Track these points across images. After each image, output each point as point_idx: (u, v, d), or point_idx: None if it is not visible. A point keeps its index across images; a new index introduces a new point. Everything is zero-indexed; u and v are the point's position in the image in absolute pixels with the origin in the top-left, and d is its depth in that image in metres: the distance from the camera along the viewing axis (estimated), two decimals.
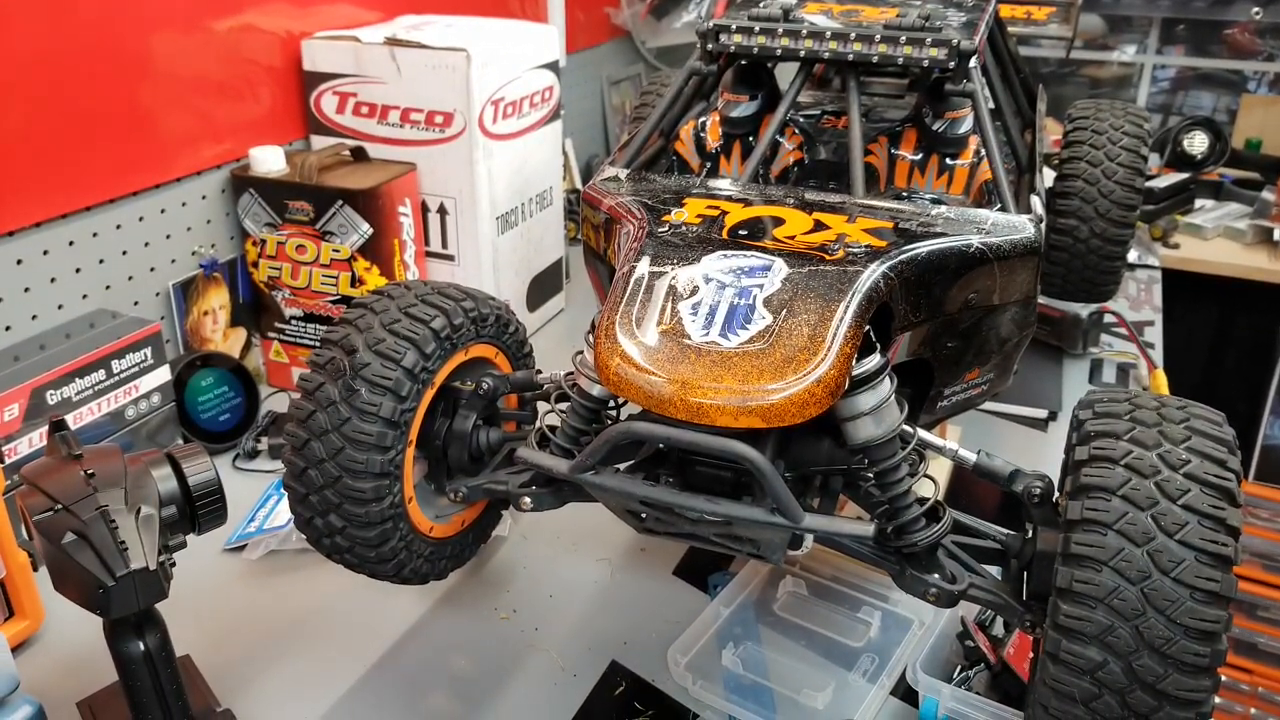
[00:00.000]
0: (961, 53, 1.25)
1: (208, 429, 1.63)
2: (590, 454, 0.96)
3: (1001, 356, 1.26)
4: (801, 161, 1.48)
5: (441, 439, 1.16)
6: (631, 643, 1.25)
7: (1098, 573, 0.79)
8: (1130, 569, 0.78)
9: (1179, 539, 0.78)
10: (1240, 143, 3.06)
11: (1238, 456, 0.85)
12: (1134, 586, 0.77)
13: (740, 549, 1.03)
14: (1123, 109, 1.72)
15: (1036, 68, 3.22)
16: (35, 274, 1.46)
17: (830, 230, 1.06)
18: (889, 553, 1.00)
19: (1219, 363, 3.12)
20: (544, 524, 1.44)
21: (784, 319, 0.92)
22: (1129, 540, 0.79)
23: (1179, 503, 0.80)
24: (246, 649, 1.24)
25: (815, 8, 1.45)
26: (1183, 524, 0.79)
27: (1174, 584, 0.77)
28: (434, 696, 1.18)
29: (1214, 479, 0.81)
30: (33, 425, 1.33)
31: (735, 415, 0.86)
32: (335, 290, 1.71)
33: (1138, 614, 0.77)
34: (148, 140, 1.60)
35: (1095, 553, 0.79)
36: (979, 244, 1.08)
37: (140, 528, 0.91)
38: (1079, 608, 0.79)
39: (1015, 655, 1.14)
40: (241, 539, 1.40)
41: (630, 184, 1.24)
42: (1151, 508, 0.80)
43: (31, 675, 1.16)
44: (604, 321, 0.95)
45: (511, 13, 2.38)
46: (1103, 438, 0.86)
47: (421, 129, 1.77)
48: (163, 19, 1.58)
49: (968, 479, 1.01)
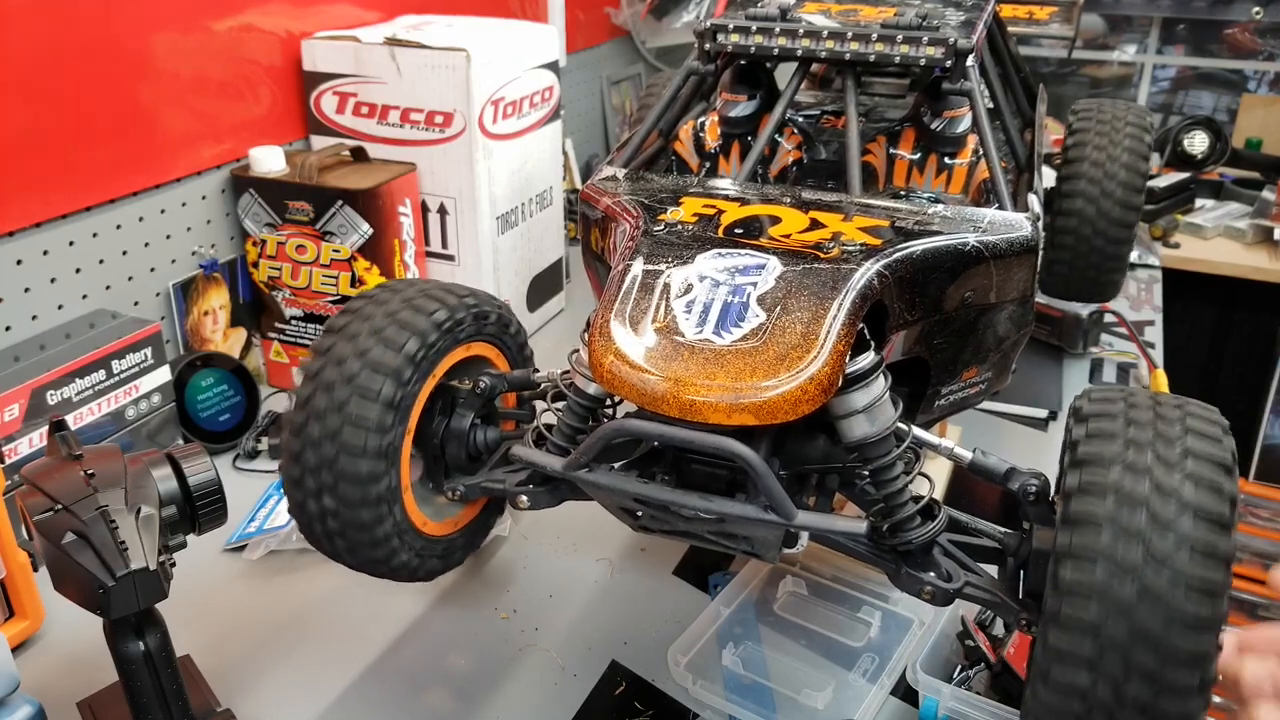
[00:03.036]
0: (959, 51, 1.25)
1: (208, 429, 1.63)
2: (584, 452, 0.96)
3: (999, 355, 1.26)
4: (800, 161, 1.48)
5: (439, 437, 1.16)
6: (631, 643, 1.25)
7: (1092, 568, 0.79)
8: (1124, 563, 0.78)
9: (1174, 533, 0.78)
10: (1240, 142, 3.06)
11: (1234, 453, 0.85)
12: (1128, 579, 0.77)
13: (735, 547, 1.03)
14: (1125, 108, 1.72)
15: (1037, 67, 3.22)
16: (35, 274, 1.46)
17: (826, 229, 1.07)
18: (884, 551, 1.00)
19: (1219, 362, 3.12)
20: (544, 524, 1.45)
21: (777, 317, 0.92)
22: (1123, 535, 0.79)
23: (1174, 499, 0.80)
24: (246, 649, 1.24)
25: (813, 7, 1.45)
26: (1178, 520, 0.79)
27: (1169, 575, 0.77)
28: (434, 696, 1.19)
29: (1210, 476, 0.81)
30: (33, 425, 1.33)
31: (728, 412, 0.86)
32: (335, 290, 1.71)
33: (1132, 606, 0.77)
34: (148, 140, 1.60)
35: (1089, 549, 0.79)
36: (975, 242, 1.08)
37: (140, 528, 0.91)
38: (1073, 602, 0.79)
39: (1015, 655, 1.14)
40: (241, 539, 1.40)
41: (628, 183, 1.25)
42: (1146, 504, 0.80)
43: (31, 675, 1.16)
44: (598, 320, 0.96)
45: (511, 13, 2.39)
46: (1098, 437, 0.86)
47: (421, 129, 1.78)
48: (163, 19, 1.59)
49: (969, 478, 1.01)
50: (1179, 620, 0.76)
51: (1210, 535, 0.78)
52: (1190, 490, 0.80)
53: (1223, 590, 0.77)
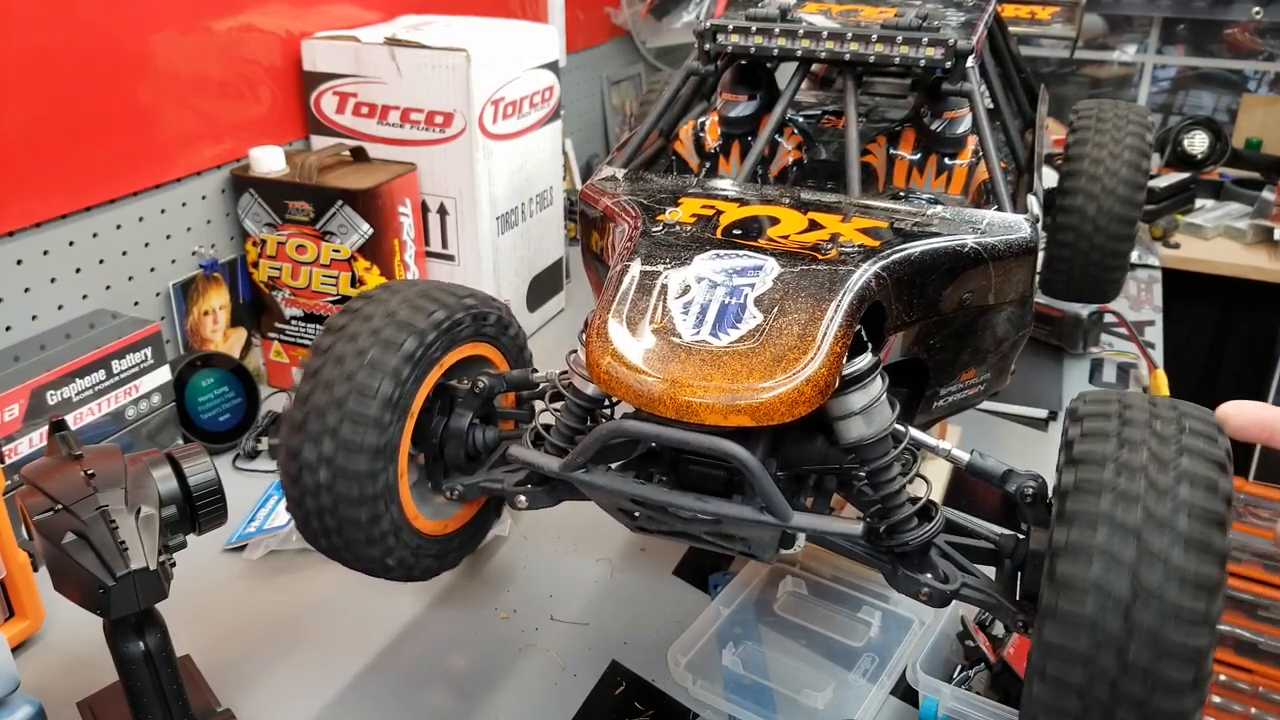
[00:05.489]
0: (959, 52, 1.25)
1: (208, 429, 1.63)
2: (581, 452, 0.97)
3: (998, 356, 1.26)
4: (800, 161, 1.48)
5: (438, 437, 1.16)
6: (631, 643, 1.25)
7: (1087, 564, 0.79)
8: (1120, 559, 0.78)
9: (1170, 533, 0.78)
10: (1240, 142, 3.06)
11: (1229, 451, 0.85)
12: (1123, 575, 0.78)
13: (732, 547, 1.03)
14: (1126, 109, 1.72)
15: (1037, 67, 3.22)
16: (35, 274, 1.46)
17: (825, 230, 1.07)
18: (881, 552, 1.00)
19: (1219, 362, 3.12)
20: (544, 524, 1.45)
21: (774, 318, 0.92)
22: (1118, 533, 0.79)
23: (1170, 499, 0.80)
24: (246, 649, 1.24)
25: (814, 7, 1.45)
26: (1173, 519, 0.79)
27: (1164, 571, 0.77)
28: (434, 696, 1.19)
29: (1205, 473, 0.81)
30: (33, 425, 1.33)
31: (724, 414, 0.87)
32: (335, 290, 1.72)
33: (1128, 603, 0.77)
34: (148, 140, 1.60)
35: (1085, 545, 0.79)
36: (974, 244, 1.08)
37: (140, 528, 0.92)
38: (1069, 598, 0.79)
39: (1015, 655, 1.14)
40: (241, 539, 1.40)
41: (627, 183, 1.25)
42: (1141, 505, 0.80)
43: (31, 675, 1.16)
44: (596, 320, 0.96)
45: (511, 13, 2.39)
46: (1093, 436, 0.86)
47: (421, 129, 1.78)
48: (163, 19, 1.59)
49: (968, 479, 1.01)
50: (1174, 616, 0.76)
51: (1205, 531, 0.78)
52: (1185, 487, 0.80)
53: (1218, 586, 0.77)
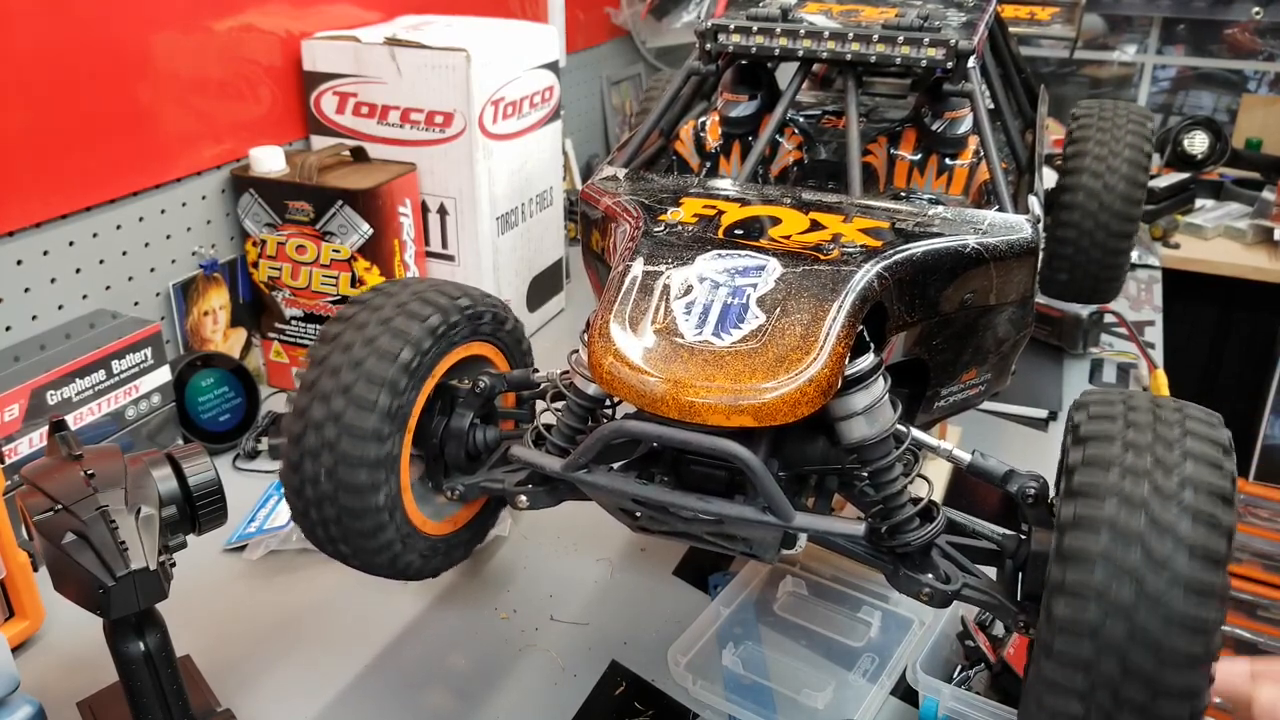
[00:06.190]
0: (959, 53, 1.25)
1: (208, 429, 1.63)
2: (583, 452, 0.96)
3: (999, 357, 1.26)
4: (801, 161, 1.48)
5: (439, 437, 1.16)
6: (631, 643, 1.25)
7: (1090, 569, 0.79)
8: (1123, 566, 0.78)
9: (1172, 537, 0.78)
10: (1240, 142, 3.06)
11: (1233, 457, 0.85)
12: (1126, 581, 0.77)
13: (733, 547, 1.03)
14: (1126, 109, 1.72)
15: (1037, 67, 3.21)
16: (35, 274, 1.46)
17: (826, 230, 1.06)
18: (882, 552, 1.00)
19: (1219, 363, 3.12)
20: (544, 524, 1.45)
21: (777, 318, 0.92)
22: (1121, 538, 0.79)
23: (1173, 503, 0.80)
24: (246, 649, 1.24)
25: (815, 7, 1.45)
26: (1176, 523, 0.79)
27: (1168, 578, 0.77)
28: (434, 696, 1.19)
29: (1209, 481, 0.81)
30: (33, 425, 1.33)
31: (727, 414, 0.87)
32: (335, 290, 1.71)
33: (1130, 608, 0.77)
34: (148, 140, 1.60)
35: (1088, 551, 0.79)
36: (975, 244, 1.08)
37: (140, 528, 0.92)
38: (1071, 605, 0.79)
39: (1015, 655, 1.14)
40: (241, 539, 1.40)
41: (628, 183, 1.25)
42: (1144, 508, 0.80)
43: (31, 675, 1.16)
44: (598, 320, 0.96)
45: (511, 13, 2.39)
46: (1097, 440, 0.86)
47: (421, 129, 1.78)
48: (163, 19, 1.58)
49: (969, 479, 1.01)
50: (1177, 622, 0.76)
51: (1209, 538, 0.78)
52: (1190, 493, 0.80)
53: (1221, 593, 0.77)
